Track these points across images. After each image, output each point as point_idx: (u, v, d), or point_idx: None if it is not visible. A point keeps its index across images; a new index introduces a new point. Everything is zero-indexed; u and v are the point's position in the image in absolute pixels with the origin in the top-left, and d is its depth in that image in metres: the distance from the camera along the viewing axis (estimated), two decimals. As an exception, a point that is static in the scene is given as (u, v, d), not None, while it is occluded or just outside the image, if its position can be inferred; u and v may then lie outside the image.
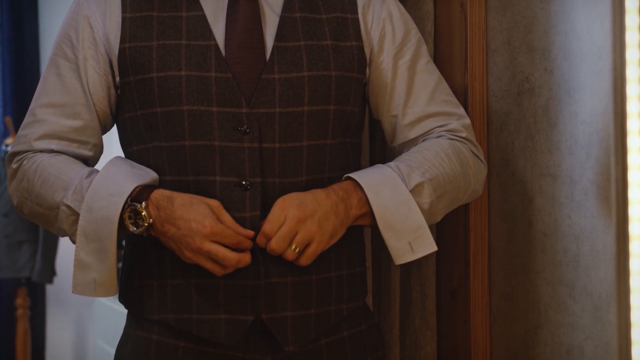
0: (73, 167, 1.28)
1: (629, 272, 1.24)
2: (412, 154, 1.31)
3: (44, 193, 1.26)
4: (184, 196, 1.21)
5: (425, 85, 1.37)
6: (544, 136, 1.40)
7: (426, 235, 1.26)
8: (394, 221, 1.25)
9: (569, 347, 1.36)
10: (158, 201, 1.21)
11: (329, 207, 1.22)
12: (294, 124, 1.26)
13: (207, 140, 1.24)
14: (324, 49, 1.29)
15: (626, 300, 1.24)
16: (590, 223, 1.31)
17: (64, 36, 1.33)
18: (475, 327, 1.52)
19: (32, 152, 1.31)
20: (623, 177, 1.23)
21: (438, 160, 1.30)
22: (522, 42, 1.44)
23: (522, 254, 1.46)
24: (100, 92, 1.31)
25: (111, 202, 1.20)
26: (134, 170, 1.24)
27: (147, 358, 1.30)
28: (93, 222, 1.21)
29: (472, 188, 1.36)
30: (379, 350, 1.39)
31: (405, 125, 1.36)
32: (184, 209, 1.19)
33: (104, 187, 1.22)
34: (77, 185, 1.24)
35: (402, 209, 1.25)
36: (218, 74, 1.25)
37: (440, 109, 1.36)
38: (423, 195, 1.27)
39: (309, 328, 1.27)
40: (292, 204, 1.21)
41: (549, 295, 1.40)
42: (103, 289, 1.24)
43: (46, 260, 3.79)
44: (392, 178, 1.26)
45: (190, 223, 1.18)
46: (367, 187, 1.25)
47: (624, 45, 1.19)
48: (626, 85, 1.21)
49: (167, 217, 1.20)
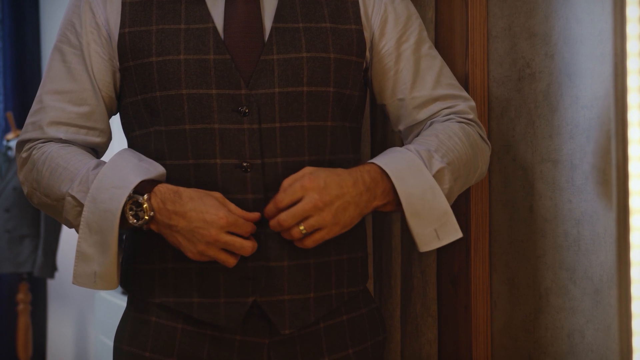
0: (81, 158, 1.28)
1: (629, 254, 1.24)
2: (427, 137, 1.30)
3: (52, 184, 1.27)
4: (190, 190, 1.21)
5: (430, 69, 1.37)
6: (545, 121, 1.40)
7: (451, 221, 1.26)
8: (421, 208, 1.24)
9: (570, 331, 1.36)
10: (164, 194, 1.20)
11: (351, 197, 1.20)
12: (294, 104, 1.26)
13: (207, 123, 1.24)
14: (322, 32, 1.30)
15: (626, 282, 1.24)
16: (590, 207, 1.31)
17: (67, 23, 1.34)
18: (476, 312, 1.53)
19: (41, 140, 1.32)
20: (624, 160, 1.24)
21: (452, 144, 1.29)
22: (523, 28, 1.45)
23: (522, 238, 1.46)
24: (105, 77, 1.32)
25: (115, 195, 1.20)
26: (140, 164, 1.24)
27: (146, 340, 1.30)
28: (96, 214, 1.21)
29: (480, 170, 1.37)
30: (380, 334, 1.39)
31: (413, 108, 1.36)
32: (194, 202, 1.19)
33: (109, 179, 1.22)
34: (83, 176, 1.24)
35: (428, 195, 1.24)
36: (216, 56, 1.25)
37: (447, 92, 1.37)
38: (444, 181, 1.26)
39: (307, 312, 1.28)
40: (316, 185, 1.18)
41: (550, 280, 1.40)
42: (103, 282, 1.25)
43: (47, 255, 3.79)
44: (416, 164, 1.24)
45: (204, 215, 1.18)
46: (393, 175, 1.23)
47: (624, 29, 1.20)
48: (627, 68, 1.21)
49: (175, 210, 1.19)
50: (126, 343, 1.33)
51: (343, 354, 1.32)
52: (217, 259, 1.20)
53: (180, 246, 1.21)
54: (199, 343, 1.28)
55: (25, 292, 3.96)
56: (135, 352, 1.31)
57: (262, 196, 1.24)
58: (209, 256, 1.20)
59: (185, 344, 1.28)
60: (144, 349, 1.30)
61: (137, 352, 1.31)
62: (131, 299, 1.37)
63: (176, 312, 1.28)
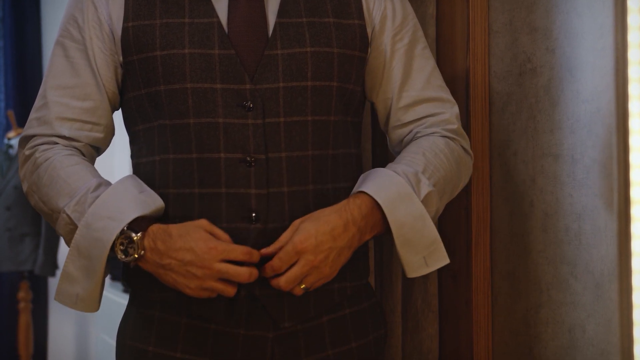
0: (82, 174, 1.27)
1: (630, 248, 1.24)
2: (414, 156, 1.31)
3: (50, 193, 1.27)
4: (179, 226, 1.21)
5: (422, 70, 1.38)
6: (546, 116, 1.40)
7: (440, 248, 1.28)
8: (411, 237, 1.26)
9: (571, 325, 1.36)
10: (155, 234, 1.20)
11: (344, 242, 1.23)
12: (299, 99, 1.27)
13: (211, 117, 1.25)
14: (326, 26, 1.30)
15: (627, 275, 1.24)
16: (591, 201, 1.31)
17: (69, 17, 1.34)
18: (477, 307, 1.53)
19: (46, 136, 1.31)
20: (625, 154, 1.24)
21: (439, 162, 1.31)
22: (524, 22, 1.45)
23: (523, 233, 1.46)
24: (107, 72, 1.32)
25: (108, 226, 1.20)
26: (140, 196, 1.24)
27: (150, 334, 1.31)
28: (87, 240, 1.21)
29: (462, 183, 1.40)
30: (381, 328, 1.39)
31: (399, 108, 1.37)
32: (182, 239, 1.19)
33: (106, 208, 1.21)
34: (81, 197, 1.24)
35: (418, 225, 1.26)
36: (221, 51, 1.25)
37: (435, 94, 1.38)
38: (432, 204, 1.28)
39: (307, 305, 1.28)
40: (308, 245, 1.20)
41: (551, 274, 1.40)
42: (84, 305, 1.25)
43: (48, 253, 3.80)
44: (406, 191, 1.25)
45: (195, 250, 1.18)
46: (385, 205, 1.24)
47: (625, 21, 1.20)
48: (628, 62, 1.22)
49: (166, 248, 1.19)
50: (129, 338, 1.34)
51: (346, 347, 1.32)
52: (216, 291, 1.20)
53: (176, 284, 1.21)
54: (202, 337, 1.28)
55: (26, 290, 3.97)
56: (138, 347, 1.31)
57: (265, 191, 1.24)
58: (206, 289, 1.20)
59: (188, 339, 1.28)
60: (148, 343, 1.30)
61: (140, 347, 1.31)
62: (134, 295, 1.37)
63: (179, 307, 1.28)
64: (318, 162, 1.28)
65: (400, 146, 1.40)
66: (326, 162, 1.29)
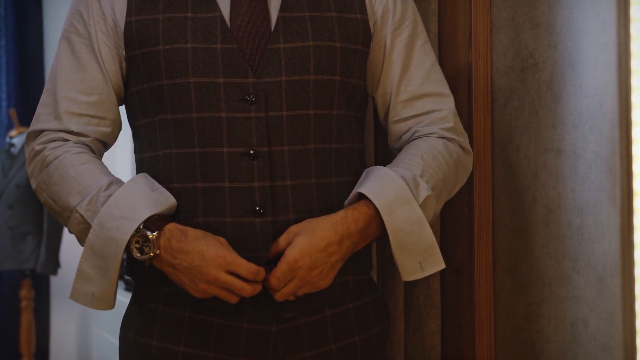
0: (93, 172, 1.27)
1: (633, 241, 1.24)
2: (413, 158, 1.31)
3: (61, 192, 1.27)
4: (197, 230, 1.22)
5: (421, 65, 1.38)
6: (548, 111, 1.41)
7: (436, 253, 1.29)
8: (407, 242, 1.27)
9: (573, 320, 1.36)
10: (171, 233, 1.21)
11: (338, 256, 1.24)
12: (301, 92, 1.27)
13: (214, 111, 1.25)
14: (328, 21, 1.30)
15: (630, 269, 1.24)
16: (594, 196, 1.31)
17: (74, 12, 1.34)
18: (480, 302, 1.53)
19: (54, 132, 1.31)
20: (627, 147, 1.24)
21: (437, 164, 1.31)
22: (527, 18, 1.45)
23: (525, 228, 1.46)
24: (113, 65, 1.32)
25: (122, 226, 1.20)
26: (152, 195, 1.24)
27: (153, 328, 1.31)
28: (102, 239, 1.22)
29: (460, 183, 1.40)
30: (385, 322, 1.40)
31: (398, 102, 1.38)
32: (197, 242, 1.20)
33: (119, 207, 1.22)
34: (94, 196, 1.24)
35: (415, 229, 1.26)
36: (224, 45, 1.25)
37: (434, 89, 1.38)
38: (430, 208, 1.29)
39: (309, 298, 1.28)
40: (303, 264, 1.21)
41: (553, 269, 1.40)
42: (100, 303, 1.26)
43: (50, 252, 3.79)
44: (405, 196, 1.26)
45: (204, 253, 1.19)
46: (383, 210, 1.25)
47: (628, 14, 1.20)
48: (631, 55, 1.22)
49: (180, 247, 1.20)
50: (133, 333, 1.34)
51: (349, 341, 1.33)
52: (219, 297, 1.22)
53: (184, 285, 1.22)
54: (206, 331, 1.28)
55: (28, 289, 3.96)
56: (142, 342, 1.32)
57: (268, 184, 1.24)
58: (211, 294, 1.22)
59: (192, 333, 1.29)
60: (151, 338, 1.31)
61: (144, 342, 1.32)
62: (137, 291, 1.38)
63: (183, 301, 1.29)
64: (321, 156, 1.28)
65: (399, 143, 1.40)
66: (329, 156, 1.29)
